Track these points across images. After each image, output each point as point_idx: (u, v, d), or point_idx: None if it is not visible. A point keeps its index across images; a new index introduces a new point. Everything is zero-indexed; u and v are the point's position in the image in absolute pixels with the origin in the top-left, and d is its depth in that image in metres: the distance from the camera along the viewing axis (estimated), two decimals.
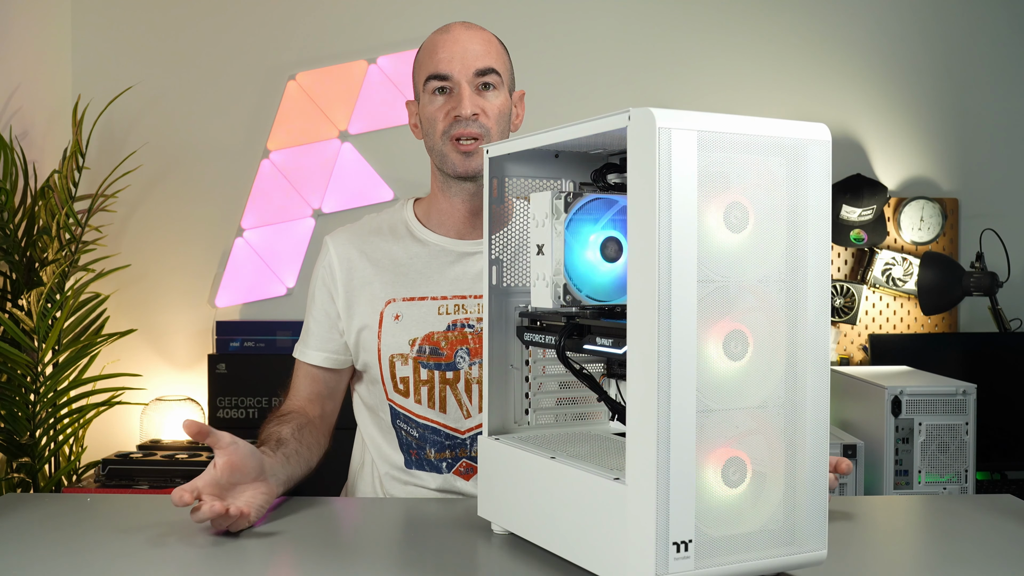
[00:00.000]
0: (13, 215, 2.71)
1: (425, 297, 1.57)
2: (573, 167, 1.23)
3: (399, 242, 1.62)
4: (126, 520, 1.36)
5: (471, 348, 1.55)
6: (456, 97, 1.53)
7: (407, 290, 1.58)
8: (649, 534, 0.89)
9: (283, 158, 3.34)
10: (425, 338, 1.56)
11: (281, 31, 3.35)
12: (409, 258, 1.60)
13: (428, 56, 1.56)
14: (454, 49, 1.54)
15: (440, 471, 1.57)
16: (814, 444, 0.97)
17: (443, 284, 1.58)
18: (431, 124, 1.56)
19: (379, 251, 1.61)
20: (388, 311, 1.57)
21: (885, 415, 2.48)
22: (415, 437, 1.58)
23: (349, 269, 1.60)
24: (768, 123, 0.95)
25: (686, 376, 0.89)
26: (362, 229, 1.65)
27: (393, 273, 1.59)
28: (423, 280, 1.58)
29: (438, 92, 1.55)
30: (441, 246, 1.60)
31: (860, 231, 3.30)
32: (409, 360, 1.56)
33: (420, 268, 1.59)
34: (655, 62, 3.43)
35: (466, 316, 1.56)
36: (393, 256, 1.60)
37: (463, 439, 1.56)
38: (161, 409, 3.05)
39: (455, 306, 1.56)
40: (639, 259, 0.90)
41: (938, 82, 3.48)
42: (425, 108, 1.57)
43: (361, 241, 1.62)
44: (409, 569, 1.12)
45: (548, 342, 1.14)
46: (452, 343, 1.55)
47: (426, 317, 1.56)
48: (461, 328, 1.56)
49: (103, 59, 3.31)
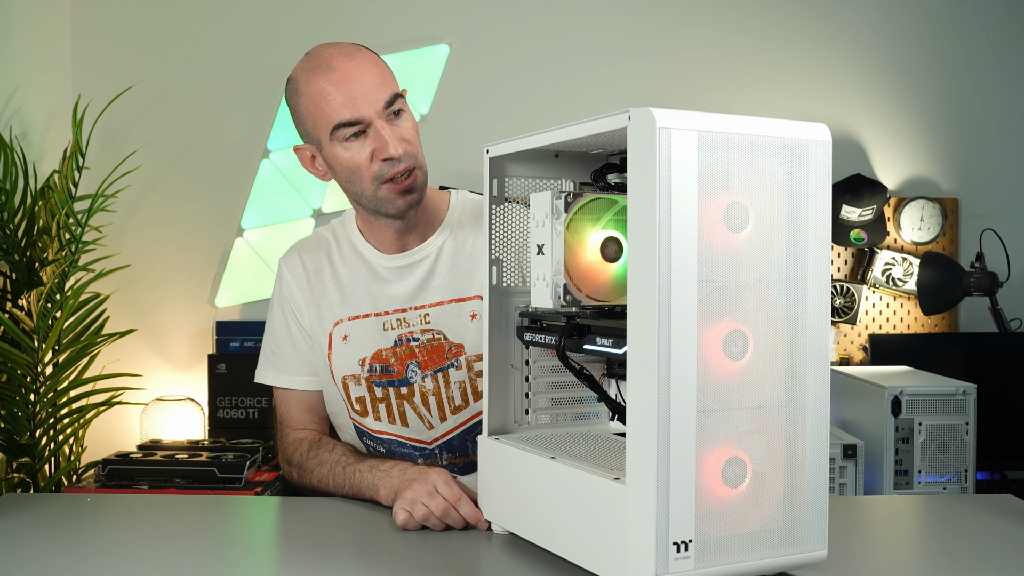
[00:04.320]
0: (13, 215, 2.71)
1: (369, 314, 1.54)
2: (573, 167, 1.23)
3: (344, 261, 1.58)
4: (126, 520, 1.36)
5: (420, 362, 1.52)
6: (375, 138, 1.42)
7: (352, 309, 1.55)
8: (649, 534, 0.89)
9: (283, 158, 3.34)
10: (374, 356, 1.54)
11: (281, 31, 3.35)
12: (352, 276, 1.57)
13: (323, 103, 1.41)
14: (352, 89, 1.40)
15: None
16: (814, 444, 0.97)
17: (384, 300, 1.54)
18: (354, 173, 1.45)
19: (326, 271, 1.58)
20: (336, 332, 1.55)
21: (885, 415, 2.48)
22: (383, 453, 1.57)
23: (303, 290, 1.58)
24: (768, 123, 0.95)
25: (686, 376, 0.89)
26: (312, 249, 1.60)
27: (339, 293, 1.56)
28: (366, 298, 1.55)
29: (352, 138, 1.42)
30: (381, 264, 1.56)
31: (860, 231, 3.29)
32: (362, 380, 1.54)
33: (362, 285, 1.56)
34: (655, 62, 3.42)
35: (410, 330, 1.53)
36: (339, 276, 1.57)
37: (431, 449, 1.55)
38: (161, 409, 3.04)
39: (398, 320, 1.53)
40: (639, 259, 0.90)
41: (938, 82, 3.48)
42: (339, 158, 1.44)
43: (311, 262, 1.59)
44: (409, 569, 1.12)
45: (548, 342, 1.14)
46: (401, 358, 1.53)
47: (371, 335, 1.54)
48: (407, 343, 1.53)
49: (103, 59, 3.31)
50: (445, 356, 1.52)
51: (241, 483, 2.48)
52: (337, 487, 1.44)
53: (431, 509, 1.25)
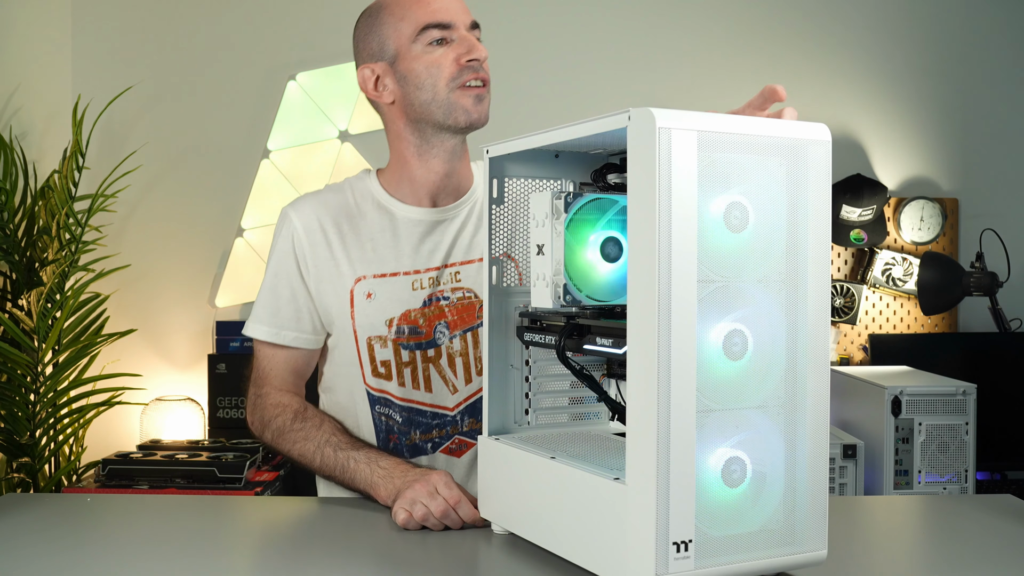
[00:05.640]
0: (13, 215, 2.71)
1: (397, 273, 1.50)
2: (573, 167, 1.23)
3: (365, 215, 1.53)
4: (126, 520, 1.36)
5: (449, 321, 1.50)
6: (460, 43, 1.46)
7: (377, 266, 1.50)
8: (649, 534, 0.89)
9: (283, 158, 3.34)
10: (402, 317, 1.49)
11: (281, 31, 3.35)
12: (377, 232, 1.51)
13: (415, 6, 1.47)
14: (446, 0, 1.47)
15: (425, 452, 1.52)
16: (814, 444, 0.97)
17: (415, 258, 1.51)
18: (433, 75, 1.46)
19: (345, 223, 1.52)
20: (359, 289, 1.50)
21: (885, 415, 2.48)
22: (398, 422, 1.52)
23: (314, 243, 1.50)
24: (768, 123, 0.95)
25: (686, 376, 0.89)
26: (325, 200, 1.54)
27: (360, 248, 1.51)
28: (393, 255, 1.51)
29: (436, 43, 1.46)
30: (411, 217, 1.52)
31: (860, 231, 3.29)
32: (388, 342, 1.49)
33: (389, 242, 1.51)
34: (655, 62, 3.43)
35: (440, 289, 1.50)
36: (359, 229, 1.52)
37: (452, 416, 1.52)
38: (161, 409, 3.05)
39: (430, 279, 1.50)
40: (639, 259, 0.90)
41: (938, 82, 3.48)
42: (419, 59, 1.46)
43: (326, 211, 1.52)
44: (409, 569, 1.12)
45: (548, 342, 1.14)
46: (430, 319, 1.49)
47: (399, 294, 1.50)
48: (437, 302, 1.50)
49: (103, 59, 3.31)
50: (475, 315, 1.50)
51: (241, 483, 2.48)
52: (325, 467, 1.42)
53: (431, 509, 1.25)
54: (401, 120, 1.51)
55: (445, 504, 1.25)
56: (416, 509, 1.26)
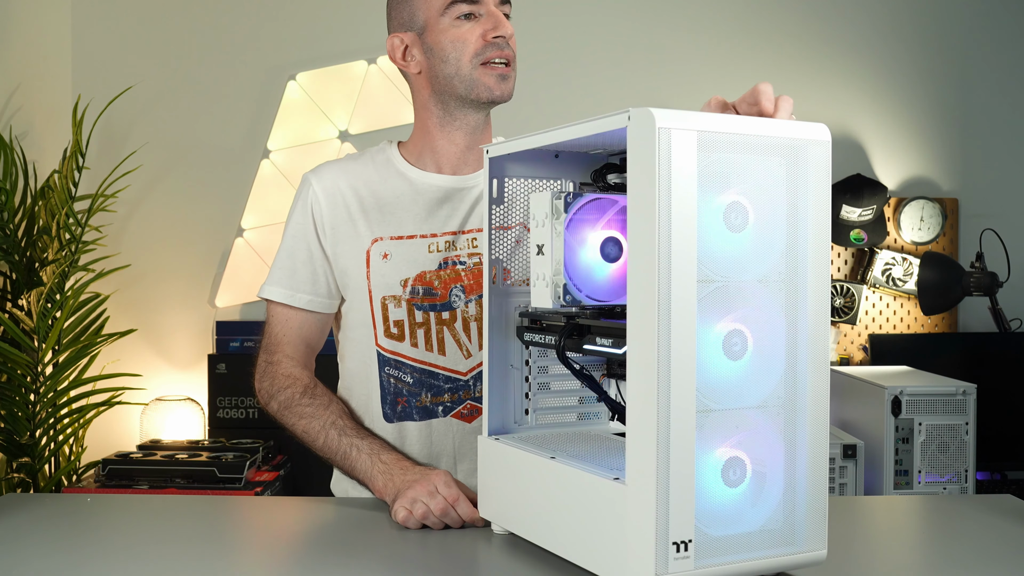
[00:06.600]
0: (13, 215, 2.71)
1: (414, 235, 1.51)
2: (573, 167, 1.23)
3: (385, 180, 1.54)
4: (126, 520, 1.36)
5: (466, 286, 1.50)
6: (488, 19, 1.48)
7: (394, 229, 1.52)
8: (649, 534, 0.89)
9: (283, 158, 3.34)
10: (417, 278, 1.50)
11: (281, 31, 3.35)
12: (395, 196, 1.53)
13: None
14: None
15: (435, 415, 1.52)
16: (814, 444, 0.97)
17: (432, 222, 1.52)
18: (458, 49, 1.48)
19: (364, 188, 1.54)
20: (375, 249, 1.51)
21: (885, 415, 2.48)
22: (408, 383, 1.52)
23: (334, 206, 1.52)
24: (768, 123, 0.95)
25: (686, 376, 0.89)
26: (345, 167, 1.56)
27: (379, 211, 1.52)
28: (411, 219, 1.52)
29: (464, 17, 1.48)
30: (429, 183, 1.54)
31: (860, 231, 3.30)
32: (403, 302, 1.50)
33: (407, 206, 1.53)
34: (655, 62, 3.43)
35: (457, 253, 1.51)
36: (379, 194, 1.53)
37: (465, 380, 1.51)
38: (161, 409, 3.05)
39: (446, 243, 1.51)
40: (639, 259, 0.90)
41: (938, 82, 3.48)
42: (446, 33, 1.48)
43: (346, 177, 1.54)
44: (409, 569, 1.12)
45: (548, 342, 1.14)
46: (445, 281, 1.50)
47: (416, 256, 1.51)
48: (453, 266, 1.50)
49: (103, 59, 3.31)
50: None
51: (241, 483, 2.48)
52: (327, 449, 1.43)
53: (431, 508, 1.26)
54: (426, 91, 1.53)
55: (445, 502, 1.26)
56: (416, 508, 1.26)
